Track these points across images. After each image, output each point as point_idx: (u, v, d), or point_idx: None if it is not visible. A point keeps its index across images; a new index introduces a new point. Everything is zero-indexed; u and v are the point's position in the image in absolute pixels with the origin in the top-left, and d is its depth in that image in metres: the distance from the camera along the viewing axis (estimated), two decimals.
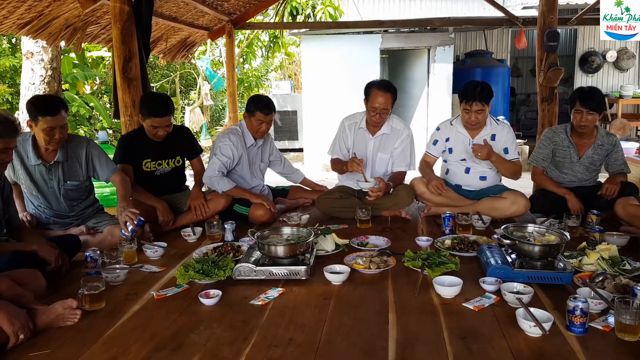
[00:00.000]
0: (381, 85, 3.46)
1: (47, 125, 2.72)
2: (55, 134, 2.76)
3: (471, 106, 3.32)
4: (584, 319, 1.85)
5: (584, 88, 3.41)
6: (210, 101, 9.34)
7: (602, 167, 3.56)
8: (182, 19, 5.82)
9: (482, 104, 3.30)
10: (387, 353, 1.75)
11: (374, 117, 3.48)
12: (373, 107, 3.43)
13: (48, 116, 2.71)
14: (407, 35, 7.97)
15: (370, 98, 3.46)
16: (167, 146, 3.43)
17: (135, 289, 2.37)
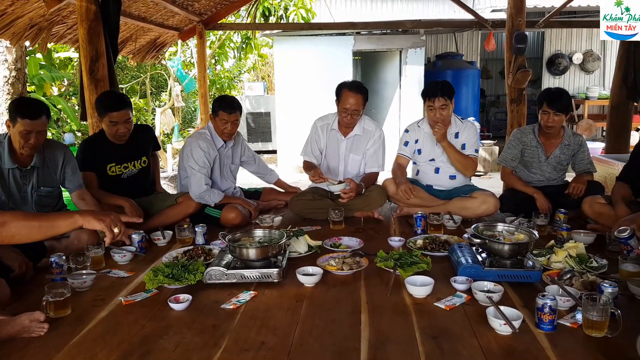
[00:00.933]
0: (352, 87, 3.47)
1: (24, 128, 2.63)
2: (31, 138, 2.67)
3: (434, 102, 3.36)
4: (552, 317, 1.87)
5: (551, 89, 3.48)
6: (182, 103, 9.20)
7: (569, 166, 3.64)
8: (152, 19, 5.72)
9: (445, 99, 3.35)
10: (360, 354, 1.74)
11: (345, 118, 3.48)
12: (344, 108, 3.44)
13: (27, 119, 2.63)
14: (379, 37, 8.03)
15: (341, 99, 3.46)
16: (131, 147, 3.37)
17: (102, 295, 2.30)
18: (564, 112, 3.36)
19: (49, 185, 2.92)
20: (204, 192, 3.31)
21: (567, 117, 3.40)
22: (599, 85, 10.63)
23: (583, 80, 10.85)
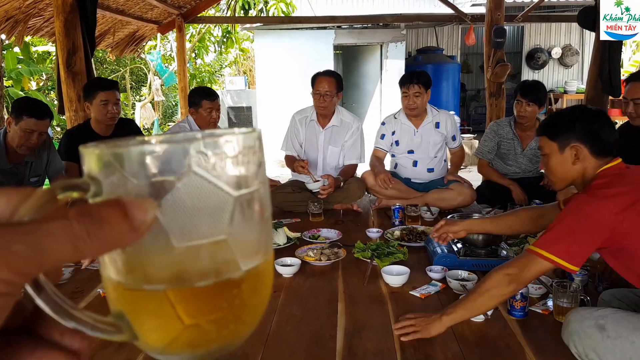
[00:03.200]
0: (324, 72, 3.59)
1: (29, 127, 2.67)
2: (33, 138, 2.71)
3: (409, 89, 3.43)
4: (524, 303, 1.93)
5: (527, 81, 3.57)
6: (162, 97, 9.14)
7: None
8: (130, 12, 5.67)
9: (419, 87, 3.40)
10: (336, 341, 1.77)
11: (318, 102, 3.53)
12: (317, 90, 3.50)
13: (34, 118, 2.67)
14: (360, 31, 8.05)
15: (314, 85, 3.54)
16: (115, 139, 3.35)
17: (80, 287, 2.29)
18: (537, 103, 3.42)
19: (36, 175, 2.98)
20: None
21: (540, 109, 3.47)
22: (577, 79, 10.80)
23: (562, 75, 11.02)
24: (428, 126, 3.54)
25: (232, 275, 0.31)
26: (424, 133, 3.56)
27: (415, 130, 3.56)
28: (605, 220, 1.45)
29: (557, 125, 1.68)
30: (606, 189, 1.51)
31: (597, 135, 1.63)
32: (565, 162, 1.66)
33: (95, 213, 0.26)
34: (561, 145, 1.66)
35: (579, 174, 1.65)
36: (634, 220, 1.44)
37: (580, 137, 1.63)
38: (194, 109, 3.44)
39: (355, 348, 1.73)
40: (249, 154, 0.31)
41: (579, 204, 1.52)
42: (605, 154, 1.63)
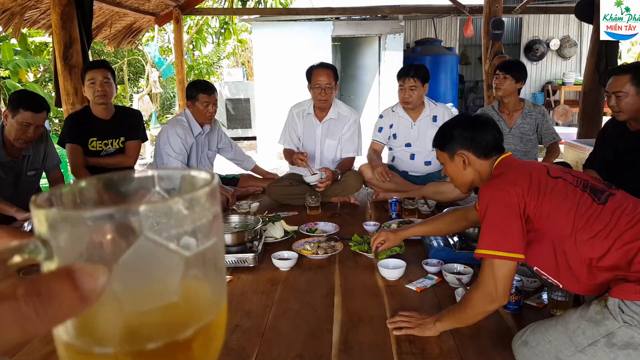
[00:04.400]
0: (320, 65, 3.56)
1: (26, 120, 2.68)
2: (30, 131, 2.72)
3: (404, 82, 3.44)
4: (518, 297, 1.94)
5: (509, 59, 3.63)
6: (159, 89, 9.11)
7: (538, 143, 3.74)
8: (127, 3, 5.64)
9: (415, 80, 3.41)
10: (332, 335, 1.78)
11: (319, 95, 3.50)
12: (317, 84, 3.48)
13: (30, 111, 2.67)
14: (358, 22, 8.02)
15: (312, 79, 3.52)
16: (113, 126, 3.38)
17: None
18: (512, 77, 3.51)
19: (34, 168, 2.99)
20: None
21: (517, 83, 3.53)
22: (575, 71, 10.78)
23: (560, 66, 10.99)
24: (425, 119, 3.55)
25: (184, 334, 0.31)
26: (421, 126, 3.56)
27: (413, 123, 3.57)
28: (518, 202, 1.53)
29: (442, 137, 1.83)
30: (506, 176, 1.60)
31: (475, 139, 1.74)
32: (458, 169, 1.79)
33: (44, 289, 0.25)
34: (450, 154, 1.79)
35: (475, 175, 1.76)
36: (538, 196, 1.53)
37: (462, 144, 1.75)
38: (191, 102, 3.43)
39: (352, 341, 1.75)
40: (202, 211, 0.31)
41: (491, 194, 1.58)
42: (490, 154, 1.74)
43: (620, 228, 1.47)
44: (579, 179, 1.59)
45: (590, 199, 1.53)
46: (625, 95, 2.67)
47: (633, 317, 1.38)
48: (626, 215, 1.49)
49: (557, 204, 1.52)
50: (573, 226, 1.50)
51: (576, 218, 1.50)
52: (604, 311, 1.43)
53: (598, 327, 1.43)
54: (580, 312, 1.50)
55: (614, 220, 1.48)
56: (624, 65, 2.85)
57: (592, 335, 1.43)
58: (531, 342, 1.54)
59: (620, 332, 1.39)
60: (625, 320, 1.38)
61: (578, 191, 1.54)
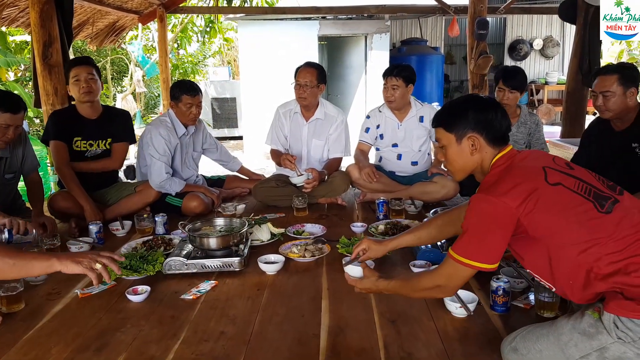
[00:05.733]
0: (305, 64, 3.56)
1: (5, 122, 2.60)
2: (9, 132, 2.65)
3: (387, 81, 3.45)
4: (506, 299, 1.93)
5: (508, 67, 3.59)
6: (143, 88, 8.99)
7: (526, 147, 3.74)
8: (109, 2, 5.55)
9: (397, 79, 3.41)
10: (319, 341, 1.76)
11: (299, 92, 3.49)
12: (298, 82, 3.48)
13: (9, 113, 2.60)
14: (344, 22, 8.00)
15: (296, 77, 3.51)
16: (101, 125, 3.30)
17: (57, 289, 2.24)
18: (518, 90, 3.44)
19: (12, 171, 2.90)
20: (165, 180, 3.25)
21: (521, 94, 3.49)
22: (558, 70, 10.90)
23: (543, 66, 11.10)
24: (412, 120, 3.54)
25: None
26: (408, 127, 3.55)
27: (399, 123, 3.56)
28: (508, 215, 1.46)
29: (452, 116, 1.67)
30: (500, 185, 1.51)
31: (492, 123, 1.62)
32: (463, 153, 1.66)
33: None
34: (458, 136, 1.65)
35: (477, 163, 1.66)
36: (535, 209, 1.45)
37: (475, 126, 1.62)
38: (174, 102, 3.37)
39: (339, 347, 1.72)
40: None
41: (480, 206, 1.53)
42: (500, 142, 1.64)
43: (625, 240, 1.40)
44: (581, 184, 1.49)
45: (594, 208, 1.44)
46: (613, 94, 2.69)
47: (627, 334, 1.35)
48: (632, 227, 1.42)
49: (555, 216, 1.45)
50: (573, 237, 1.43)
51: (577, 229, 1.43)
52: (598, 325, 1.40)
53: (591, 340, 1.40)
54: (573, 324, 1.46)
55: (619, 231, 1.41)
56: (610, 65, 2.87)
57: (585, 348, 1.41)
58: (521, 349, 1.52)
59: (613, 347, 1.37)
60: (619, 336, 1.35)
61: (580, 199, 1.46)
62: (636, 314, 1.34)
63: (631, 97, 2.71)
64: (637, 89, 2.73)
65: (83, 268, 1.68)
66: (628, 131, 2.81)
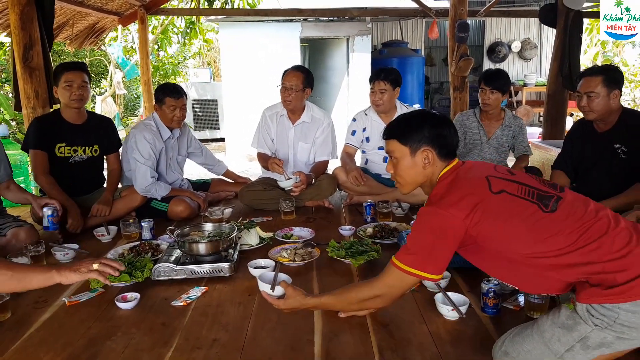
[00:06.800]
0: (292, 68, 3.57)
1: None
2: None
3: (375, 85, 3.47)
4: (496, 301, 1.96)
5: (491, 69, 3.65)
6: (123, 90, 8.86)
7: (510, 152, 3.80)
8: (90, 3, 5.46)
9: (385, 83, 3.44)
10: (313, 346, 1.75)
11: (284, 95, 3.49)
12: (283, 85, 3.48)
13: None
14: (326, 24, 8.02)
15: (282, 80, 3.51)
16: (85, 131, 3.25)
17: (44, 297, 2.20)
18: (500, 91, 3.51)
19: None
20: (150, 185, 3.22)
21: (504, 96, 3.55)
22: (536, 72, 11.09)
23: (521, 68, 11.28)
24: None
25: None
26: None
27: (385, 126, 3.58)
28: (456, 227, 1.51)
29: (408, 130, 1.71)
30: (447, 198, 1.56)
31: (445, 139, 1.69)
32: (416, 166, 1.70)
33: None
34: (413, 149, 1.69)
35: (428, 177, 1.71)
36: (482, 219, 1.50)
37: (430, 141, 1.67)
38: (158, 105, 3.33)
39: (334, 352, 1.72)
40: None
41: (427, 218, 1.58)
42: (449, 156, 1.70)
43: (575, 233, 1.46)
44: (523, 188, 1.55)
45: (539, 209, 1.50)
46: (597, 96, 2.75)
47: (602, 320, 1.40)
48: (579, 219, 1.49)
49: (503, 223, 1.50)
50: (523, 239, 1.49)
51: (526, 232, 1.48)
52: (574, 316, 1.45)
53: (571, 332, 1.45)
54: (552, 319, 1.50)
55: (568, 225, 1.47)
56: (595, 66, 2.93)
57: (567, 341, 1.45)
58: (512, 352, 1.55)
59: (593, 335, 1.42)
60: (596, 323, 1.41)
61: (524, 202, 1.51)
62: (604, 299, 1.39)
63: (614, 98, 2.77)
64: (621, 91, 2.79)
65: (82, 274, 1.68)
66: (611, 132, 2.88)
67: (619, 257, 1.42)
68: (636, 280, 1.38)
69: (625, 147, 2.83)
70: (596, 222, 1.48)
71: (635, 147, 2.79)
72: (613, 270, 1.41)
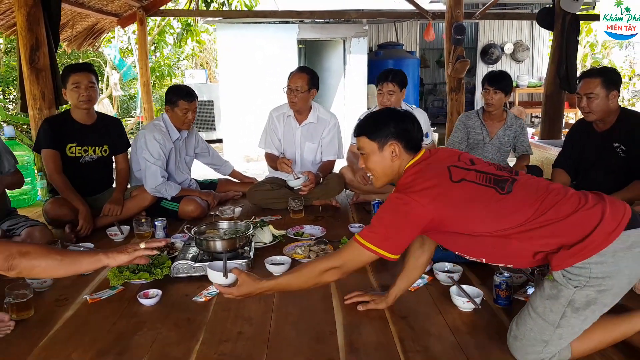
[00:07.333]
0: (298, 69, 3.63)
1: None
2: None
3: (383, 87, 3.54)
4: (508, 292, 2.04)
5: (494, 71, 3.74)
6: (120, 91, 8.85)
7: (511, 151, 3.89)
8: (90, 4, 5.47)
9: (393, 85, 3.52)
10: (337, 337, 1.82)
11: (290, 97, 3.55)
12: (289, 87, 3.53)
13: None
14: (323, 26, 8.08)
15: (288, 82, 3.56)
16: (95, 131, 3.29)
17: (65, 294, 2.24)
18: (502, 91, 3.60)
19: None
20: (160, 185, 3.26)
21: (506, 97, 3.64)
22: (528, 73, 11.22)
23: (514, 69, 11.41)
24: None
25: None
26: None
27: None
28: (418, 213, 1.62)
29: (376, 126, 1.82)
30: (413, 186, 1.67)
31: (410, 133, 1.80)
32: (385, 160, 1.80)
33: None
34: (380, 144, 1.80)
35: (396, 170, 1.81)
36: (444, 206, 1.62)
37: (396, 135, 1.78)
38: (170, 107, 3.37)
39: (357, 343, 1.78)
40: None
41: (394, 202, 1.68)
42: (415, 149, 1.81)
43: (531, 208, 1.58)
44: (481, 175, 1.67)
45: (496, 192, 1.62)
46: (596, 97, 2.84)
47: (579, 280, 1.53)
48: (532, 194, 1.62)
49: (464, 209, 1.62)
50: (487, 222, 1.61)
51: (486, 214, 1.61)
52: (555, 284, 1.58)
53: (558, 300, 1.57)
54: (539, 294, 1.64)
55: (524, 203, 1.60)
56: (594, 68, 3.02)
57: (558, 309, 1.58)
58: (519, 335, 1.66)
59: (576, 296, 1.55)
60: (575, 285, 1.54)
61: (483, 188, 1.63)
62: (573, 260, 1.53)
63: (613, 99, 2.86)
64: (619, 91, 2.89)
65: (130, 255, 1.71)
66: (610, 132, 2.97)
67: (573, 220, 1.56)
68: (592, 234, 1.52)
69: (624, 146, 2.92)
70: (548, 195, 1.61)
71: (634, 146, 2.88)
72: (570, 232, 1.55)
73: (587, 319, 1.57)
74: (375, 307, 2.02)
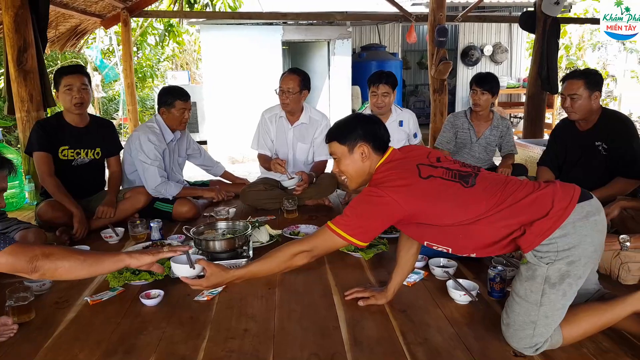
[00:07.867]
0: (289, 71, 3.68)
1: None
2: None
3: (378, 88, 3.61)
4: (502, 285, 2.12)
5: (481, 73, 3.86)
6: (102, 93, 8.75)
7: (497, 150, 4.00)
8: (74, 5, 5.42)
9: (388, 87, 3.60)
10: (340, 332, 1.87)
11: (282, 98, 3.59)
12: (281, 88, 3.57)
13: None
14: (307, 27, 8.12)
15: (280, 83, 3.60)
16: (87, 135, 3.27)
17: (64, 296, 2.24)
18: (489, 92, 3.71)
19: None
20: (160, 184, 3.26)
21: (493, 98, 3.75)
22: (507, 75, 11.45)
23: (493, 71, 11.60)
24: (393, 124, 3.71)
25: None
26: (389, 130, 3.71)
27: None
28: (389, 206, 1.73)
29: (345, 130, 1.92)
30: (387, 182, 1.78)
31: (376, 134, 1.90)
32: (356, 161, 1.90)
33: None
34: (350, 147, 1.89)
35: (367, 170, 1.91)
36: (415, 200, 1.73)
37: (364, 137, 1.88)
38: (165, 108, 3.38)
39: (360, 337, 1.84)
40: None
41: (367, 194, 1.78)
42: (382, 149, 1.91)
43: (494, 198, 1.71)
44: (447, 171, 1.78)
45: (461, 186, 1.74)
46: (579, 97, 2.96)
47: (548, 256, 1.64)
48: (494, 186, 1.74)
49: (432, 203, 1.72)
50: (455, 214, 1.72)
51: (453, 206, 1.72)
52: (529, 265, 1.69)
53: (535, 279, 1.67)
54: (518, 279, 1.75)
55: (487, 193, 1.72)
56: (577, 70, 3.14)
57: (537, 288, 1.67)
58: (510, 322, 1.75)
59: (550, 272, 1.65)
60: (546, 262, 1.65)
61: (449, 183, 1.74)
62: (539, 239, 1.64)
63: (595, 100, 2.98)
64: (601, 92, 3.01)
65: (154, 255, 1.75)
66: (592, 131, 3.09)
67: (529, 200, 1.69)
68: (551, 211, 1.64)
69: (605, 145, 3.04)
70: (507, 185, 1.75)
71: (615, 144, 3.01)
72: (527, 211, 1.67)
73: (567, 294, 1.66)
74: (376, 302, 2.08)
